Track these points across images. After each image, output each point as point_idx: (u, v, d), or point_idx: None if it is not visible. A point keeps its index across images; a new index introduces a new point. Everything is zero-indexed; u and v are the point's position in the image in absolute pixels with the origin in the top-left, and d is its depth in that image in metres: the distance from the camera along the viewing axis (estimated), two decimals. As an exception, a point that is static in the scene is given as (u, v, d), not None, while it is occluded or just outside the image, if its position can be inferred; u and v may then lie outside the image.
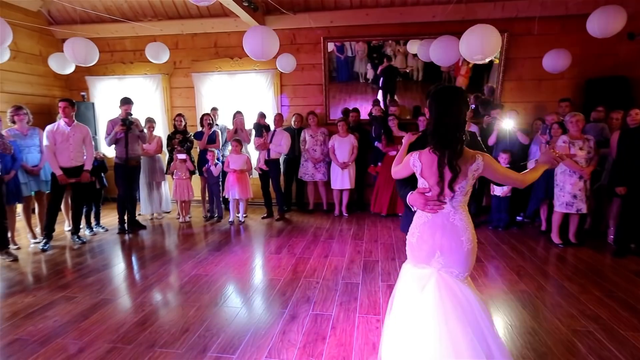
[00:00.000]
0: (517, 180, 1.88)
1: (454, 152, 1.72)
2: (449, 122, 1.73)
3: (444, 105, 1.76)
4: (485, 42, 3.47)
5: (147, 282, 3.58)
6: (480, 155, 1.77)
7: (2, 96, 5.76)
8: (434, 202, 1.81)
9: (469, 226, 1.82)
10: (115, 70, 6.79)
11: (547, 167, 1.96)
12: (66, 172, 4.41)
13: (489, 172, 1.79)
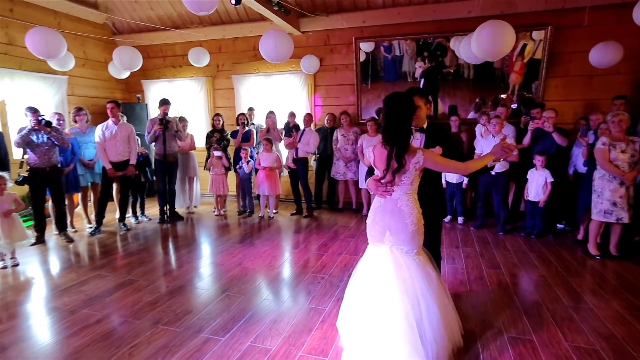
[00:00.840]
0: (460, 169, 2.22)
1: (400, 147, 2.05)
2: (396, 122, 2.07)
3: (392, 108, 2.09)
4: (496, 41, 3.28)
5: (170, 267, 3.94)
6: (420, 150, 2.11)
7: (72, 99, 6.59)
8: (382, 187, 2.15)
9: (414, 211, 2.14)
10: (166, 73, 7.42)
11: (494, 157, 2.21)
12: (114, 166, 4.97)
13: (430, 164, 2.10)
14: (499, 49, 3.29)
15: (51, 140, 4.38)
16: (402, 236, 2.14)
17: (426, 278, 2.14)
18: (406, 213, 2.14)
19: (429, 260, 2.25)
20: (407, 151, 2.08)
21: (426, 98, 2.52)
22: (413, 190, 2.17)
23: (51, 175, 4.48)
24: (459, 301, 3.09)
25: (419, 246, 2.20)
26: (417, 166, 2.08)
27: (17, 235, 3.90)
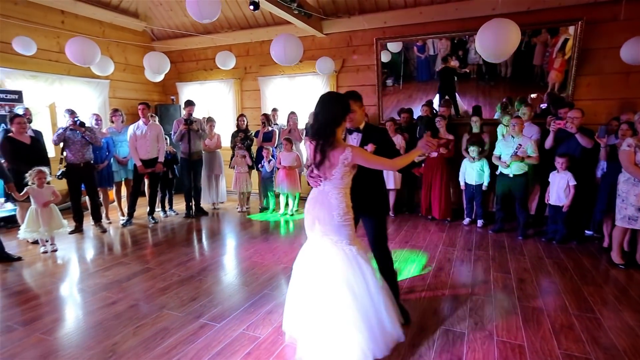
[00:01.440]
0: (387, 165, 2.29)
1: (324, 142, 2.14)
2: (322, 119, 2.18)
3: (320, 106, 2.21)
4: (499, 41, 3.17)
5: (186, 258, 4.20)
6: (349, 147, 2.17)
7: (113, 101, 7.16)
8: (312, 178, 2.29)
9: (342, 204, 2.23)
10: (198, 76, 7.83)
11: (420, 152, 2.30)
12: (144, 163, 5.35)
13: (359, 160, 2.17)
14: (501, 49, 3.19)
15: (85, 139, 4.82)
16: (329, 227, 2.24)
17: (355, 267, 2.21)
18: (334, 206, 2.22)
19: (362, 251, 2.30)
20: (334, 147, 2.14)
21: (361, 102, 2.63)
22: (344, 185, 2.24)
23: (85, 171, 4.93)
24: (457, 302, 3.07)
25: (349, 237, 2.26)
26: (345, 162, 2.14)
27: (55, 224, 4.34)
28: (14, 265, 4.01)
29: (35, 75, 5.85)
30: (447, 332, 2.66)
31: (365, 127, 2.65)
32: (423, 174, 5.67)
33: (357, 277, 2.18)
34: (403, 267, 3.85)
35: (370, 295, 2.19)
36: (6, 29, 5.46)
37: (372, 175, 2.55)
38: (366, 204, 2.61)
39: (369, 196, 2.61)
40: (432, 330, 2.68)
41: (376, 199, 2.69)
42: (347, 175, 2.22)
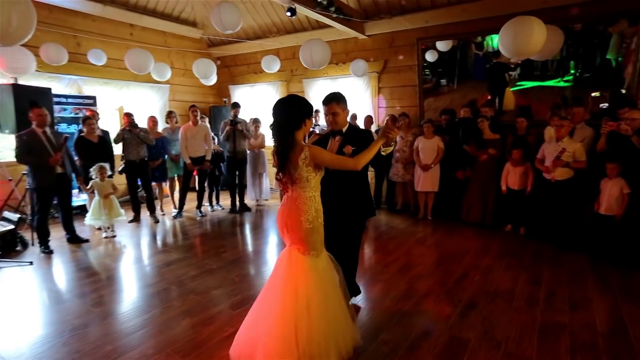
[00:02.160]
0: (349, 164, 2.20)
1: (281, 144, 2.12)
2: (280, 121, 2.13)
3: (277, 109, 2.16)
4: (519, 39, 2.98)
5: (222, 249, 4.53)
6: (308, 147, 2.11)
7: (173, 103, 7.85)
8: (279, 182, 2.23)
9: (310, 209, 2.14)
10: (249, 79, 8.28)
11: (382, 141, 2.22)
12: (193, 161, 5.84)
13: (317, 159, 2.11)
14: (524, 47, 3.01)
15: (139, 138, 5.39)
16: (296, 234, 2.15)
17: (318, 281, 2.12)
18: (302, 211, 2.13)
19: (329, 264, 2.24)
20: (293, 148, 2.09)
21: (344, 104, 2.65)
22: (311, 187, 2.15)
23: (140, 167, 5.52)
24: (471, 310, 2.99)
25: (315, 247, 2.18)
26: (306, 162, 2.08)
27: (114, 213, 4.94)
28: (82, 247, 4.64)
29: (107, 82, 6.65)
30: (452, 338, 2.62)
31: (347, 130, 2.68)
32: (469, 178, 5.47)
33: (317, 293, 2.10)
34: (424, 271, 3.80)
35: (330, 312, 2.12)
36: (85, 43, 6.27)
37: (349, 177, 2.54)
38: (343, 206, 2.63)
39: (346, 199, 2.64)
40: (437, 335, 2.66)
41: (354, 202, 2.69)
42: (312, 177, 2.13)
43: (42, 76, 5.78)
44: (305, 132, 2.21)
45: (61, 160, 4.39)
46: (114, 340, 2.63)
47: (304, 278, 2.10)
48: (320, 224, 2.20)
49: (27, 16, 2.12)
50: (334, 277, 2.25)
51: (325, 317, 2.09)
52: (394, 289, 3.40)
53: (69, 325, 2.82)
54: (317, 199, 2.20)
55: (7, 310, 3.08)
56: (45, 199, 4.41)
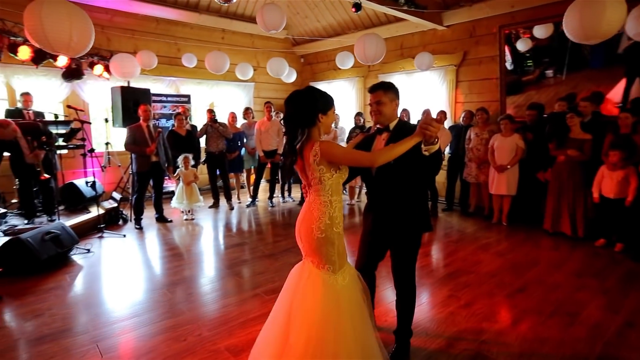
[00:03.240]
0: (365, 160, 1.89)
1: (291, 139, 1.88)
2: (291, 116, 1.89)
3: (288, 103, 1.91)
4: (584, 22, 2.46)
5: (278, 239, 4.80)
6: (319, 141, 1.82)
7: (257, 100, 8.45)
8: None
9: (323, 217, 1.82)
10: (328, 75, 8.46)
11: (417, 139, 1.86)
12: (266, 154, 6.26)
13: (329, 156, 1.80)
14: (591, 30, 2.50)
15: (219, 132, 5.96)
16: (307, 245, 1.87)
17: (334, 302, 1.79)
18: (314, 218, 1.83)
19: (352, 283, 1.90)
20: (305, 144, 1.85)
21: (393, 94, 2.24)
22: (325, 191, 1.84)
23: (219, 158, 6.11)
24: (512, 329, 2.68)
25: (331, 261, 1.84)
26: (316, 159, 1.79)
27: (193, 199, 5.58)
28: (166, 225, 5.36)
29: (200, 82, 7.48)
30: (477, 354, 2.41)
31: (396, 126, 2.24)
32: (548, 180, 4.84)
33: (331, 318, 1.78)
34: (474, 280, 3.50)
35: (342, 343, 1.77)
36: (183, 49, 7.13)
37: (399, 183, 2.18)
38: (390, 220, 2.25)
39: (394, 210, 2.23)
40: (461, 348, 2.47)
41: (405, 215, 2.22)
42: (327, 178, 1.82)
43: (149, 78, 6.77)
44: (323, 129, 1.92)
45: (155, 150, 5.11)
46: (165, 306, 3.03)
47: (313, 297, 1.80)
48: (337, 234, 1.86)
49: (86, 31, 2.58)
50: (357, 299, 1.90)
51: (335, 350, 1.75)
52: (432, 295, 3.22)
53: (143, 286, 3.34)
54: (334, 204, 1.87)
55: (105, 273, 3.77)
56: (143, 182, 5.20)
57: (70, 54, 2.65)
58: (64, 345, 2.49)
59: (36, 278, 3.49)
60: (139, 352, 2.43)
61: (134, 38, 6.64)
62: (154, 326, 2.73)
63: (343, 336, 1.77)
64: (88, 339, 2.55)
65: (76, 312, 2.93)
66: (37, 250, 3.57)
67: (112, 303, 3.12)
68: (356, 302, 1.88)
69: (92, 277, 3.65)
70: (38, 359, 2.33)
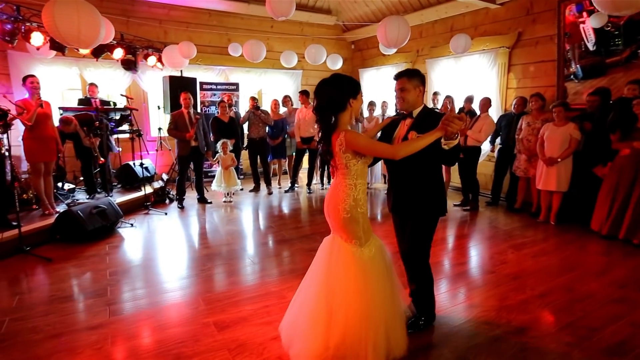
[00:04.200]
0: (387, 152, 2.01)
1: (323, 128, 2.02)
2: (320, 103, 2.00)
3: (319, 89, 2.02)
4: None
5: (303, 224, 4.89)
6: (344, 132, 1.95)
7: (305, 87, 8.52)
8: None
9: (348, 198, 2.00)
10: (377, 62, 8.23)
11: (438, 134, 1.93)
12: (303, 140, 6.34)
13: (353, 145, 1.94)
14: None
15: (260, 119, 6.16)
16: (335, 223, 2.06)
17: (361, 272, 1.97)
18: (340, 199, 2.01)
19: (378, 253, 2.05)
20: (333, 132, 1.98)
21: (417, 81, 2.23)
22: (352, 175, 1.99)
23: (260, 145, 6.32)
24: (517, 337, 2.45)
25: (357, 236, 2.01)
26: (342, 148, 1.94)
27: (231, 182, 5.88)
28: (205, 206, 5.74)
29: (249, 70, 7.76)
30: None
31: (420, 113, 2.26)
32: (606, 175, 4.27)
33: (358, 287, 1.97)
34: (491, 280, 3.24)
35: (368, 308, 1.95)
36: (234, 39, 7.43)
37: (416, 167, 2.24)
38: (404, 201, 2.34)
39: (409, 192, 2.32)
40: (449, 357, 2.32)
41: (419, 196, 2.30)
42: (353, 164, 1.98)
43: (200, 68, 7.20)
44: (353, 112, 2.04)
45: (195, 135, 5.47)
46: (178, 279, 3.28)
47: (343, 268, 2.01)
48: (361, 213, 2.02)
49: (94, 26, 2.83)
50: (384, 267, 2.07)
51: (365, 314, 1.94)
52: (435, 290, 3.05)
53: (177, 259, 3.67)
54: (358, 187, 2.03)
55: (140, 245, 4.19)
56: (183, 165, 5.61)
57: (82, 46, 2.99)
58: (83, 305, 2.85)
59: (82, 246, 3.99)
60: (138, 317, 2.67)
61: (188, 30, 7.09)
62: (161, 296, 2.99)
63: (368, 306, 1.95)
64: (103, 303, 2.87)
65: (102, 277, 3.30)
66: (85, 221, 4.08)
67: (137, 271, 3.46)
68: (383, 272, 2.06)
69: (128, 248, 4.07)
70: (56, 315, 2.69)
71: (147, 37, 6.53)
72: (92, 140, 4.88)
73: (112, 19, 6.27)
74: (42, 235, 4.07)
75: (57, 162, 4.95)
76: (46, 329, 2.52)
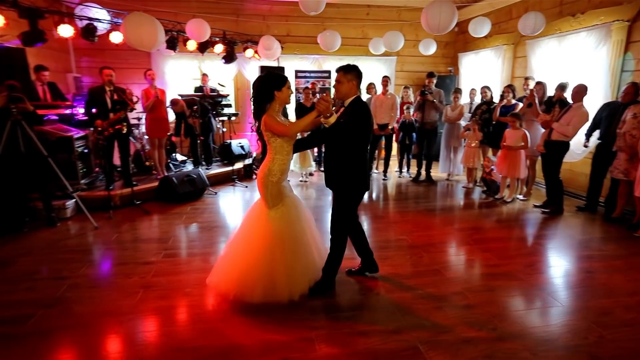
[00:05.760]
0: (283, 131, 2.47)
1: (254, 113, 2.58)
2: (253, 95, 2.59)
3: (253, 85, 2.65)
4: None
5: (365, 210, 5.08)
6: (265, 115, 2.49)
7: (400, 74, 8.45)
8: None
9: (265, 168, 2.58)
10: (478, 45, 7.56)
11: (315, 113, 2.42)
12: (379, 127, 6.43)
13: (268, 126, 2.47)
14: None
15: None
16: (258, 183, 2.63)
17: (262, 227, 2.59)
18: (262, 167, 2.60)
19: (283, 218, 2.60)
20: (263, 115, 2.51)
21: (351, 74, 2.61)
22: (272, 150, 2.55)
23: (335, 130, 6.65)
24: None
25: (266, 199, 2.61)
26: (263, 128, 2.50)
27: (305, 164, 6.38)
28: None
29: (341, 58, 8.05)
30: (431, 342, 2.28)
31: (350, 103, 2.63)
32: None
33: (259, 235, 2.60)
34: (512, 286, 2.99)
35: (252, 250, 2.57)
36: (329, 28, 7.82)
37: (334, 148, 2.64)
38: (327, 176, 2.75)
39: (331, 170, 2.72)
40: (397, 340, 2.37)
41: (337, 175, 2.68)
42: (273, 141, 2.53)
43: (296, 57, 7.85)
44: (282, 99, 2.57)
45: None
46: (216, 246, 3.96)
47: (254, 222, 2.71)
48: (270, 181, 2.58)
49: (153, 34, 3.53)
50: (287, 227, 2.63)
51: (260, 259, 2.56)
52: (441, 284, 2.99)
53: (217, 224, 4.44)
54: (275, 160, 2.58)
55: (215, 211, 5.08)
56: (267, 146, 6.36)
57: (145, 48, 3.80)
58: (147, 246, 3.73)
59: (173, 205, 5.04)
60: (179, 262, 3.39)
61: (287, 23, 7.78)
62: (210, 253, 3.65)
63: (270, 252, 2.55)
64: (161, 247, 3.71)
65: (172, 230, 4.19)
66: (177, 186, 5.13)
67: (202, 230, 4.26)
68: (286, 230, 2.61)
69: (205, 212, 4.96)
70: (131, 250, 3.62)
71: (252, 32, 7.44)
72: (194, 120, 5.97)
73: (224, 19, 7.37)
74: (149, 193, 5.29)
75: (169, 138, 6.22)
76: (120, 256, 3.46)
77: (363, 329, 2.41)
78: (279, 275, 2.55)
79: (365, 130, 2.60)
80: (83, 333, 2.37)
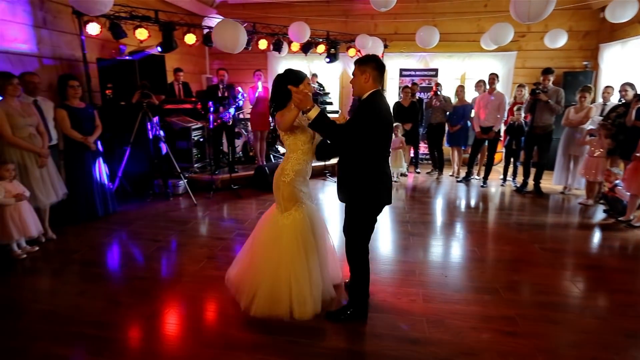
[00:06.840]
0: (279, 125, 2.36)
1: (272, 111, 2.46)
2: (272, 93, 2.45)
3: (274, 81, 2.46)
4: None
5: (412, 215, 4.81)
6: (278, 113, 2.39)
7: (519, 71, 7.49)
8: None
9: (285, 166, 2.42)
10: (629, 32, 6.18)
11: (296, 110, 2.21)
12: (482, 130, 5.88)
13: (277, 123, 2.39)
14: None
15: (440, 105, 6.30)
16: (273, 184, 2.49)
17: (271, 235, 2.44)
18: (280, 166, 2.46)
19: (295, 226, 2.38)
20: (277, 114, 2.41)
21: (364, 67, 2.22)
22: (288, 148, 2.44)
23: (437, 130, 6.48)
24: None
25: (278, 202, 2.45)
26: (278, 127, 2.40)
27: (397, 164, 6.27)
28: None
29: (451, 55, 7.57)
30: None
31: (366, 98, 2.24)
32: None
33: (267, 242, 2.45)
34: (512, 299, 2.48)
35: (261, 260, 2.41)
36: (440, 24, 7.42)
37: (347, 155, 2.29)
38: (338, 186, 2.39)
39: (340, 179, 2.38)
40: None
41: (346, 185, 2.32)
42: (286, 139, 2.38)
43: (402, 55, 7.69)
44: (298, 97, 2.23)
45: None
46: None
47: (264, 229, 2.55)
48: (283, 182, 2.39)
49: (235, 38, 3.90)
50: (299, 236, 2.39)
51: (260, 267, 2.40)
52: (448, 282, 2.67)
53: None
54: (290, 159, 2.40)
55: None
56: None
57: (229, 51, 4.25)
58: (225, 225, 4.24)
59: (264, 193, 5.56)
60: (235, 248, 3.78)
61: (395, 21, 7.67)
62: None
63: (275, 261, 2.38)
64: (236, 228, 4.18)
65: (253, 215, 4.66)
66: (269, 175, 5.64)
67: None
68: (297, 239, 2.38)
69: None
70: (213, 226, 4.18)
71: (361, 31, 7.57)
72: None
73: (334, 20, 7.70)
74: (246, 180, 5.95)
75: (271, 131, 6.84)
76: (202, 229, 4.05)
77: (379, 332, 2.35)
78: (283, 288, 2.35)
79: (376, 131, 2.17)
80: (149, 286, 2.90)
